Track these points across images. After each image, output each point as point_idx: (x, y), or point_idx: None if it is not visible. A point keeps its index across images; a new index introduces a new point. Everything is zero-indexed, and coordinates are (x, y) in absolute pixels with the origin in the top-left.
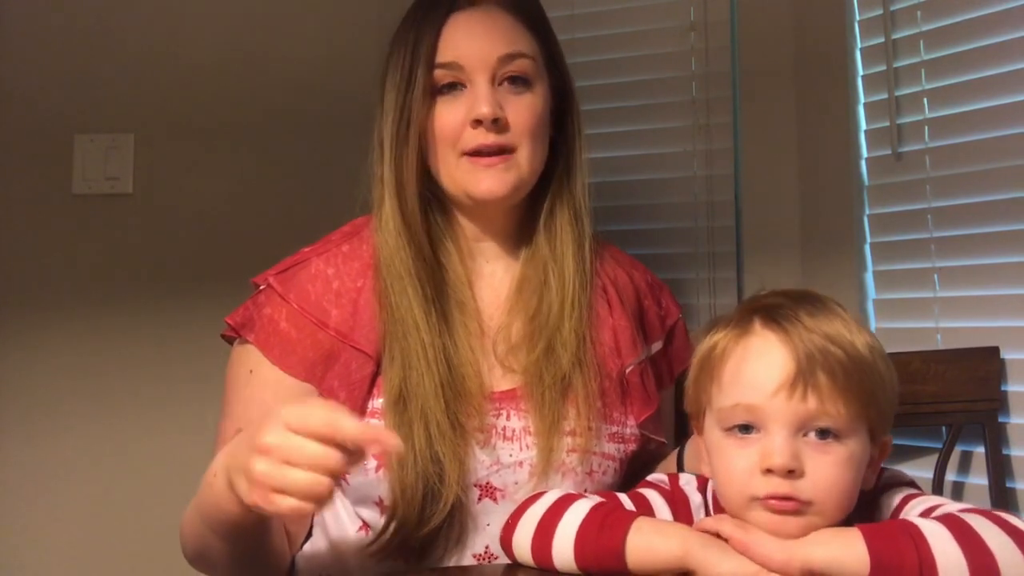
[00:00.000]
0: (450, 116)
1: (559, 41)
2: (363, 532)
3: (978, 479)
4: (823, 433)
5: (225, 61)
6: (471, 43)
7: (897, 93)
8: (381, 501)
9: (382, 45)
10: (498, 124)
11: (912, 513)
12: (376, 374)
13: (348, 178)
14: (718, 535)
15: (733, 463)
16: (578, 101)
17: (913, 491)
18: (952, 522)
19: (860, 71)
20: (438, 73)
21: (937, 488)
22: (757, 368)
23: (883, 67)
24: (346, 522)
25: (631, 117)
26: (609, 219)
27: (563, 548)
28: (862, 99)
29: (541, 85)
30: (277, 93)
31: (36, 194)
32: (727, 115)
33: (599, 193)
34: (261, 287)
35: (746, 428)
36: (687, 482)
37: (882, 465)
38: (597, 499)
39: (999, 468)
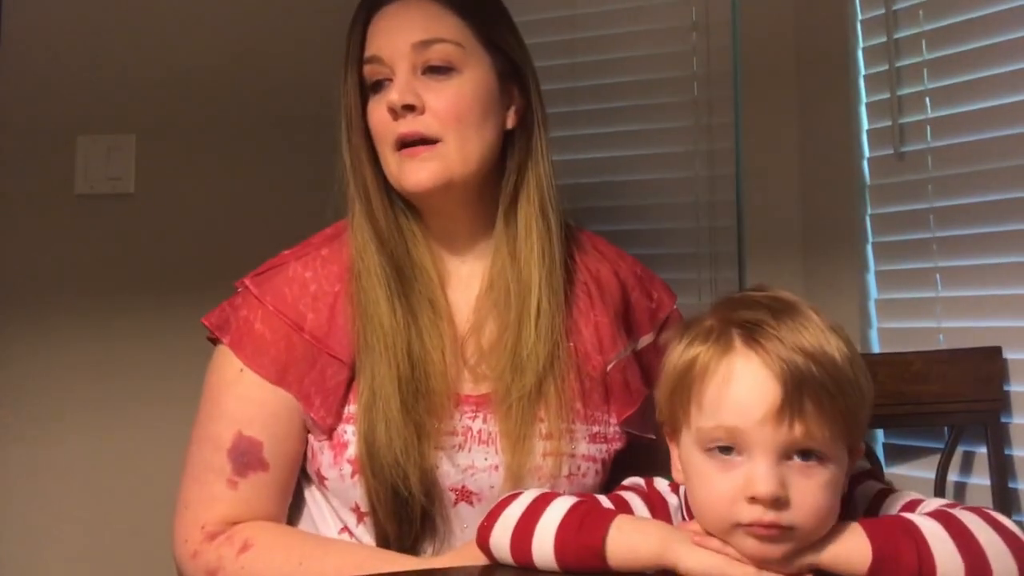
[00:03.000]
0: (377, 112)
1: (511, 23)
2: (345, 535)
3: (981, 479)
4: (806, 455)
5: (226, 62)
6: (388, 35)
7: (899, 93)
8: (357, 507)
9: None
10: (414, 110)
11: (892, 509)
12: (351, 380)
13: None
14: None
15: (715, 487)
16: (537, 85)
17: (884, 486)
18: (944, 518)
19: (862, 71)
20: (366, 70)
21: (939, 489)
22: (740, 393)
23: (885, 67)
24: (330, 524)
25: (632, 117)
26: (610, 219)
27: (543, 547)
28: (864, 99)
29: (473, 70)
30: (278, 94)
31: (38, 194)
32: (728, 115)
33: (600, 193)
34: (239, 289)
35: (727, 449)
36: (661, 485)
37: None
38: (575, 498)
39: (1002, 468)
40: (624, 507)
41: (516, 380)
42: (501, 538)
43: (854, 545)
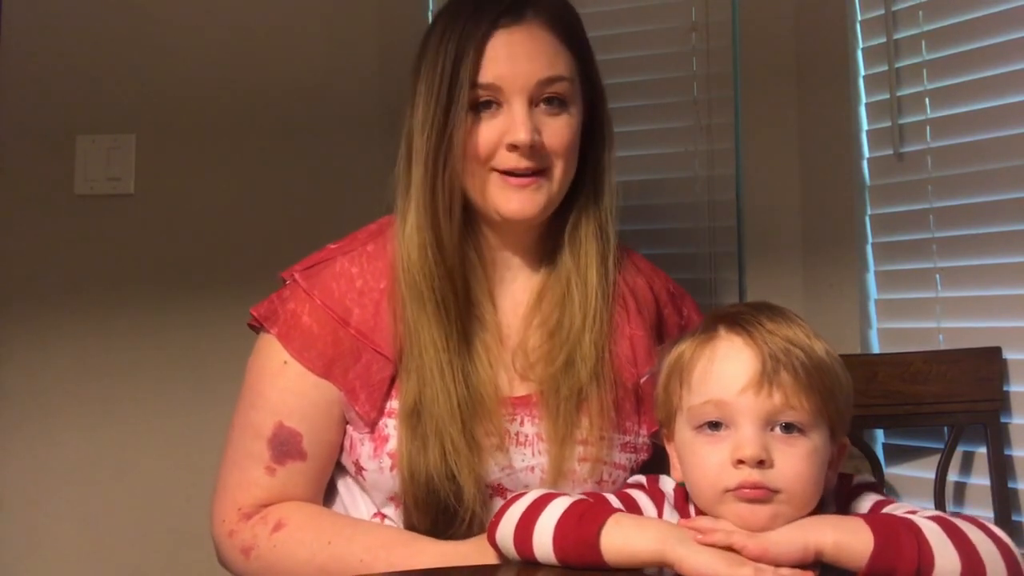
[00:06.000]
0: (486, 135)
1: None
2: (377, 519)
3: (980, 480)
4: (788, 427)
5: (226, 62)
6: (512, 65)
7: (899, 93)
8: (395, 497)
9: (381, 47)
10: (534, 150)
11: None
12: (394, 376)
13: (348, 178)
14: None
15: (705, 459)
16: (610, 115)
17: (883, 497)
18: (940, 520)
19: (862, 71)
20: (476, 93)
21: (939, 489)
22: (725, 368)
23: (885, 67)
24: (363, 511)
25: (633, 117)
26: None
27: (543, 541)
28: (864, 99)
29: (576, 105)
30: (278, 94)
31: (38, 194)
32: (728, 115)
33: None
34: (287, 281)
35: (715, 425)
36: (664, 483)
37: (856, 476)
38: (579, 496)
39: (1001, 469)
40: (632, 505)
41: (566, 379)
42: (506, 533)
43: (857, 534)
